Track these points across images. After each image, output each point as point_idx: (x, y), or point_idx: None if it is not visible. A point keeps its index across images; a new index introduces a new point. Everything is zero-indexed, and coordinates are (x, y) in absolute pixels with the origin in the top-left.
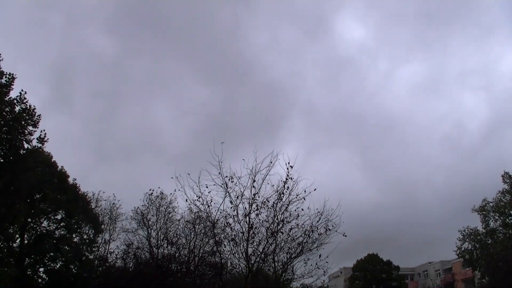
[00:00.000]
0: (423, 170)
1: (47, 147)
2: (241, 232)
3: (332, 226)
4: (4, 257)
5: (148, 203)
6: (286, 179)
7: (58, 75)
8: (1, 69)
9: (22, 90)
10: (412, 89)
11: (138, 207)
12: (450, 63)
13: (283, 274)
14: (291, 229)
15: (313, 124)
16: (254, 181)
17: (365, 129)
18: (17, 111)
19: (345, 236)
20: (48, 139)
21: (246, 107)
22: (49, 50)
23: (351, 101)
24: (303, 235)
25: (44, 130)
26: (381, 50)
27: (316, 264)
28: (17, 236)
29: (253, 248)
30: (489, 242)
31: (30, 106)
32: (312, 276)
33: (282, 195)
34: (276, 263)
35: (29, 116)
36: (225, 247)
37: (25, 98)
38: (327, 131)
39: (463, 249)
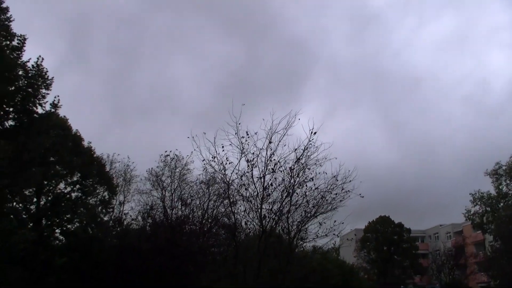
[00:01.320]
0: (444, 131)
1: (62, 110)
2: (255, 193)
3: (348, 190)
4: (22, 220)
5: (163, 165)
6: (307, 145)
7: (75, 30)
8: (12, 31)
9: (39, 56)
10: (438, 46)
11: (152, 168)
12: (480, 19)
13: (297, 235)
14: (306, 191)
15: (336, 81)
16: (270, 142)
17: (388, 87)
18: (30, 75)
19: (362, 197)
20: (61, 105)
21: (268, 64)
22: (66, 3)
23: (376, 58)
24: (318, 197)
25: (58, 96)
26: (410, 4)
27: (332, 225)
28: (33, 198)
29: (267, 209)
30: (500, 205)
31: (43, 69)
32: (327, 235)
33: (300, 159)
34: (290, 224)
35: (42, 79)
36: (239, 207)
37: (42, 62)
38: (350, 89)
39: (472, 212)
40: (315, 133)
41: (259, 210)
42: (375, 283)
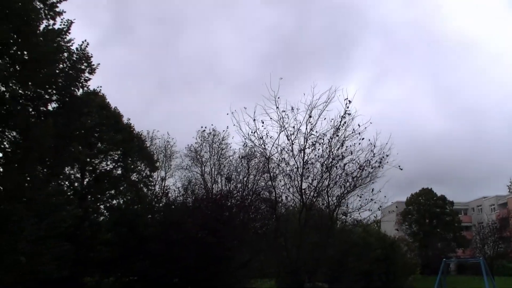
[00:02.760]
0: (496, 97)
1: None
2: (295, 167)
3: (386, 162)
4: (68, 197)
5: (201, 140)
6: (344, 114)
7: (118, 1)
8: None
9: (84, 41)
10: (492, 10)
11: (191, 144)
12: None
13: (337, 209)
14: (345, 164)
15: (387, 47)
16: (310, 116)
17: (441, 52)
18: (74, 58)
19: (401, 169)
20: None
21: (317, 29)
22: None
23: (429, 21)
24: (357, 169)
25: (100, 87)
26: None
27: (371, 198)
28: (78, 176)
29: (308, 183)
30: None
31: (87, 53)
32: (367, 210)
33: (338, 130)
34: (330, 198)
35: (86, 64)
36: (280, 182)
37: (87, 47)
38: (400, 55)
39: None
40: (350, 101)
41: (299, 184)
42: (417, 256)
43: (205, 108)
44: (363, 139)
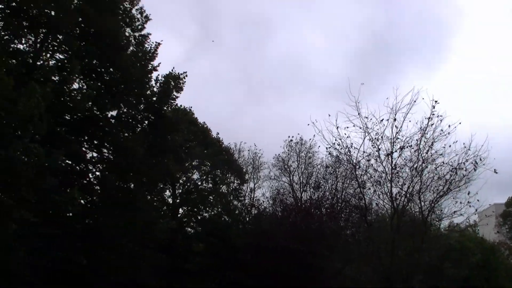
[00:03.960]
0: None
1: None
2: (384, 172)
3: (481, 160)
4: (162, 211)
5: (288, 149)
6: (430, 116)
7: (203, 8)
8: (146, 31)
9: (173, 68)
10: None
11: (279, 154)
12: None
13: (430, 214)
14: (436, 167)
15: (482, 35)
16: (395, 119)
17: None
18: (163, 79)
19: (496, 173)
20: (191, 107)
21: (410, 22)
22: None
23: None
24: (450, 172)
25: (191, 107)
26: None
27: (468, 201)
28: (170, 190)
29: (398, 188)
30: None
31: (175, 73)
32: (462, 215)
33: (425, 131)
34: (422, 203)
35: (174, 83)
36: (368, 189)
37: (173, 69)
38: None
39: None
40: (436, 101)
41: (389, 190)
42: None
43: (293, 112)
44: (456, 141)
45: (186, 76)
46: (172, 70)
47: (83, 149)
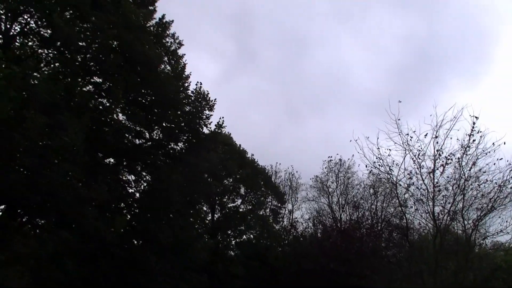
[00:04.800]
0: None
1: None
2: (425, 190)
3: None
4: (200, 234)
5: (327, 170)
6: (471, 132)
7: (240, 25)
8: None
9: (198, 82)
10: None
11: (317, 175)
12: None
13: (474, 233)
14: (480, 184)
15: None
16: (436, 136)
17: None
18: (193, 99)
19: None
20: (225, 125)
21: (452, 33)
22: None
23: None
24: (494, 189)
25: (223, 117)
26: None
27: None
28: (208, 212)
29: (440, 207)
30: None
31: (204, 92)
32: (508, 233)
33: (467, 148)
34: (466, 221)
35: (205, 102)
36: (410, 207)
37: (200, 87)
38: None
39: None
40: (477, 117)
41: (431, 209)
42: None
43: (333, 130)
44: (501, 159)
45: (216, 102)
46: (199, 87)
47: (123, 174)
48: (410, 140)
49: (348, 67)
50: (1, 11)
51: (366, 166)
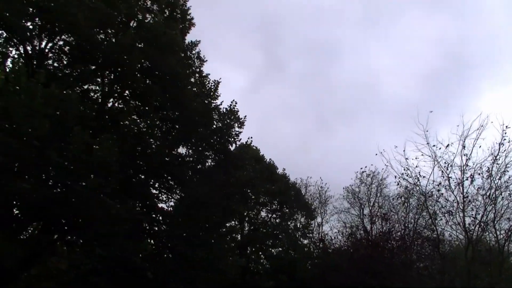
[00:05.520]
0: None
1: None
2: (455, 202)
3: None
4: (230, 248)
5: (359, 182)
6: (501, 141)
7: (266, 35)
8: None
9: (233, 101)
10: None
11: (348, 186)
12: None
13: (507, 243)
14: (511, 193)
15: None
16: (464, 147)
17: None
18: (223, 115)
19: None
20: (252, 140)
21: (485, 34)
22: (253, 10)
23: None
24: None
25: (251, 137)
26: None
27: None
28: (238, 228)
29: (471, 218)
30: None
31: (235, 110)
32: None
33: (496, 157)
34: (498, 232)
35: (235, 119)
36: (440, 219)
37: (235, 106)
38: None
39: None
40: (507, 126)
41: (461, 220)
42: None
43: (363, 139)
44: None
45: (245, 119)
46: (231, 105)
47: (153, 191)
48: (438, 150)
49: (377, 74)
50: (36, 31)
51: (395, 177)
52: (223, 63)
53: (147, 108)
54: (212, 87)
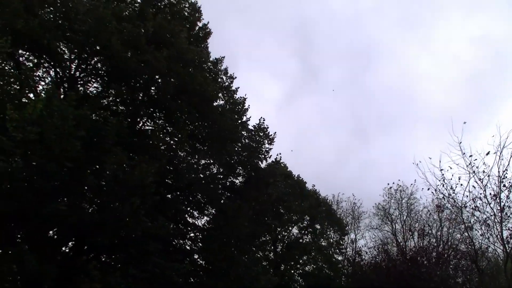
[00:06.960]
0: None
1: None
2: (492, 214)
3: None
4: (264, 267)
5: (388, 197)
6: None
7: (299, 42)
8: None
9: (261, 118)
10: None
11: (379, 203)
12: None
13: None
14: None
15: None
16: (500, 158)
17: None
18: (253, 131)
19: None
20: (281, 157)
21: None
22: (288, 15)
23: None
24: None
25: (280, 154)
26: None
27: None
28: (271, 246)
29: (510, 230)
30: None
31: (264, 126)
32: None
33: None
34: None
35: (264, 136)
36: (477, 232)
37: (263, 123)
38: None
39: None
40: None
41: (499, 233)
42: None
43: (401, 148)
44: None
45: (275, 135)
46: (259, 122)
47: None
48: (475, 161)
49: (415, 79)
50: (67, 54)
51: (428, 189)
52: (259, 71)
53: (175, 125)
54: (239, 102)
